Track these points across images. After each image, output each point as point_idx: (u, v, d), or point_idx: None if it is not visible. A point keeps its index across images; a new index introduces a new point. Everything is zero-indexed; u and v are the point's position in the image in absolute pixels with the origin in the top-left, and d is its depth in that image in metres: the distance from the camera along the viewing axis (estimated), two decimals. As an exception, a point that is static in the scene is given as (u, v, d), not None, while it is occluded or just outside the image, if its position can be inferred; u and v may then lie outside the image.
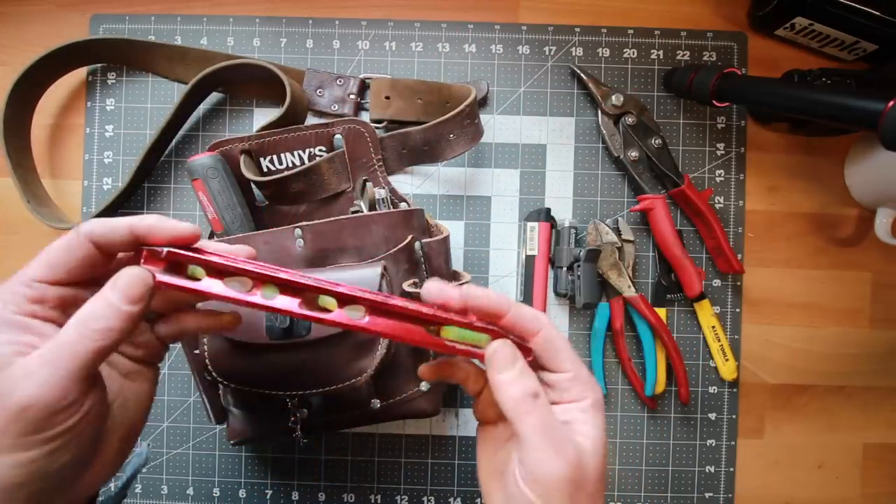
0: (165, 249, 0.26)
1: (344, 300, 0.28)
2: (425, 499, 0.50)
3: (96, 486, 0.28)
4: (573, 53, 0.51)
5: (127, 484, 0.34)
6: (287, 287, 0.28)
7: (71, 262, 0.25)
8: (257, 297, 0.27)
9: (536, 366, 0.29)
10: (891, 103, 0.34)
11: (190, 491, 0.50)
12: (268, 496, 0.50)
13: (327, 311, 0.28)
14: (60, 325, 0.24)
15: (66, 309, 0.25)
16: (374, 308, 0.28)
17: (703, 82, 0.46)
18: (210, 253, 0.27)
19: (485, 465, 0.31)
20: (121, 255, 0.27)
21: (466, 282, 0.42)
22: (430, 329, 0.29)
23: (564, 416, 0.28)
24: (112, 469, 0.28)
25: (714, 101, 0.46)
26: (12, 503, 0.23)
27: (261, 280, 0.27)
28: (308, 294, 0.28)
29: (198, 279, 0.27)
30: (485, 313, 0.28)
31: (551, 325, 0.29)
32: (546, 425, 0.26)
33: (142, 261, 0.26)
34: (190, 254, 0.27)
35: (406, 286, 0.39)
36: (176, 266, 0.27)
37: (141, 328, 0.29)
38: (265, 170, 0.45)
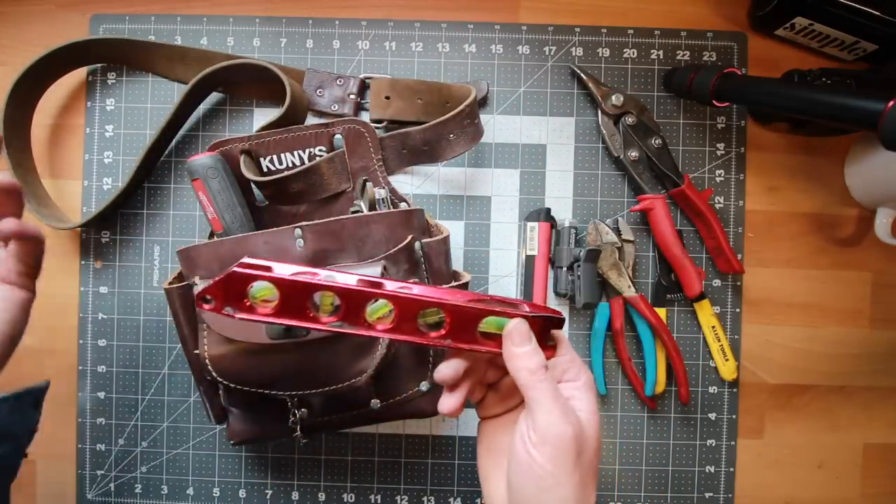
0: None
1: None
2: (425, 499, 0.50)
3: None
4: (573, 53, 0.51)
5: (19, 395, 0.38)
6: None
7: None
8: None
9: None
10: (891, 103, 0.34)
11: (190, 491, 0.50)
12: (268, 496, 0.50)
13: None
14: None
15: None
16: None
17: (703, 82, 0.46)
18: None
19: (485, 447, 0.34)
20: None
21: (466, 282, 0.42)
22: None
23: (565, 392, 0.32)
24: None
25: (714, 101, 0.46)
26: None
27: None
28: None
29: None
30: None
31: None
32: (555, 392, 0.30)
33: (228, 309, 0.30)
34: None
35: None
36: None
37: None
38: (265, 170, 0.45)
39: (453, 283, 0.41)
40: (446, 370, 0.32)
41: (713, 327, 0.50)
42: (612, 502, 0.50)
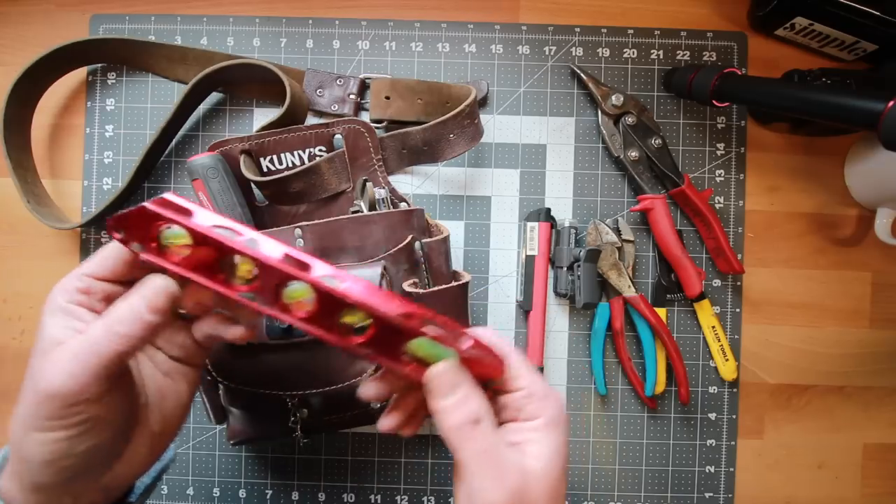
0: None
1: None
2: (425, 499, 0.50)
3: (130, 477, 0.29)
4: (573, 53, 0.51)
5: (153, 481, 0.34)
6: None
7: (116, 262, 0.27)
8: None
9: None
10: (891, 103, 0.34)
11: (190, 491, 0.50)
12: (268, 496, 0.50)
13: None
14: None
15: (110, 303, 0.27)
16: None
17: (703, 82, 0.46)
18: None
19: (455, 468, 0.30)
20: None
21: (466, 282, 0.42)
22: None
23: (517, 436, 0.27)
24: (145, 461, 0.29)
25: (714, 101, 0.46)
26: (43, 477, 0.25)
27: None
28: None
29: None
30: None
31: (491, 334, 0.29)
32: (486, 452, 0.26)
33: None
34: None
35: (406, 286, 0.39)
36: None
37: (178, 328, 0.30)
38: (265, 170, 0.45)
39: (453, 283, 0.42)
40: (366, 391, 0.29)
41: (713, 327, 0.50)
42: (612, 502, 0.50)
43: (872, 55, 0.48)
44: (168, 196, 0.26)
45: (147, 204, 0.26)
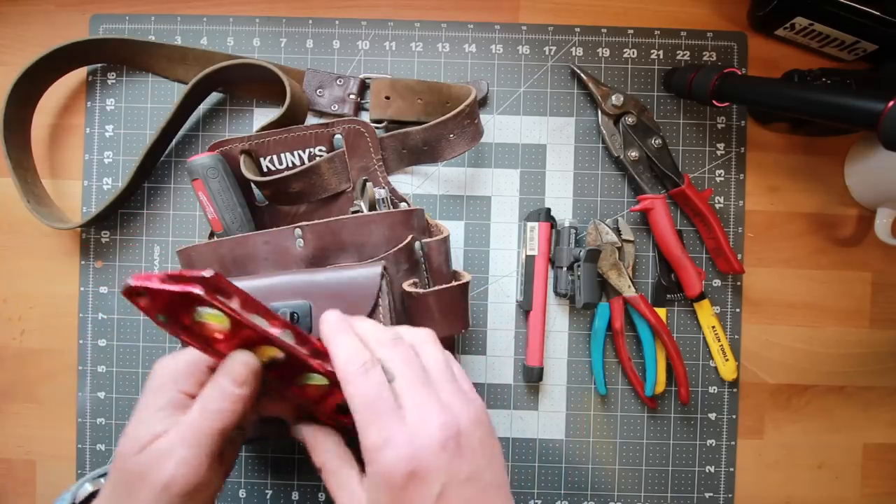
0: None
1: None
2: (425, 499, 0.50)
3: None
4: (573, 53, 0.51)
5: None
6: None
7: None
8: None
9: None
10: (891, 103, 0.34)
11: (190, 491, 0.50)
12: (268, 496, 0.50)
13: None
14: None
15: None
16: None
17: (703, 82, 0.46)
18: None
19: None
20: None
21: (467, 282, 0.42)
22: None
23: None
24: None
25: (714, 101, 0.46)
26: None
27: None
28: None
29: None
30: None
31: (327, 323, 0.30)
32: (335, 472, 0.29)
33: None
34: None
35: (406, 286, 0.39)
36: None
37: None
38: (265, 170, 0.45)
39: (453, 283, 0.41)
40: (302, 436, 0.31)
41: (713, 327, 0.50)
42: (612, 502, 0.50)
43: (872, 55, 0.48)
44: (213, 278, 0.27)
45: (196, 290, 0.26)
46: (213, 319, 0.27)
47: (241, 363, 0.28)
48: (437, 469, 0.25)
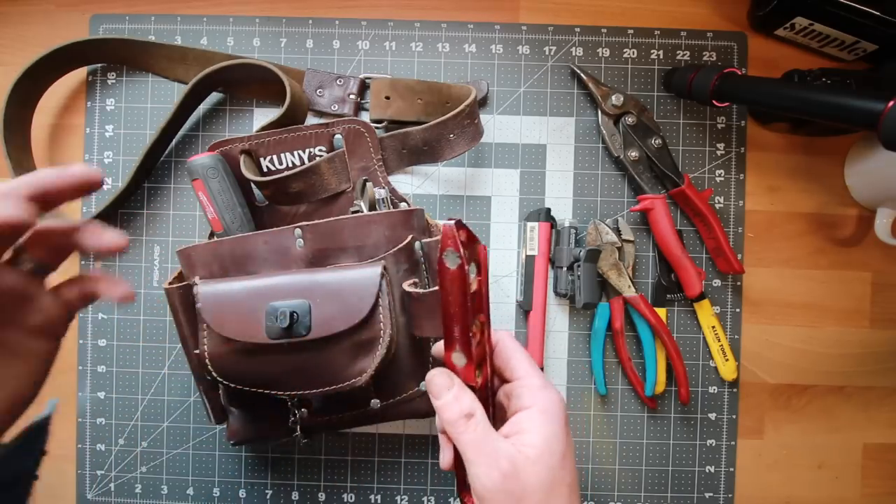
0: None
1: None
2: (425, 499, 0.50)
3: None
4: (573, 53, 0.51)
5: (26, 434, 0.31)
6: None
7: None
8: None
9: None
10: (891, 103, 0.34)
11: (190, 491, 0.50)
12: (268, 496, 0.50)
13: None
14: None
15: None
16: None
17: (703, 82, 0.46)
18: None
19: None
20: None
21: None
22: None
23: (515, 426, 0.30)
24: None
25: (714, 101, 0.46)
26: None
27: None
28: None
29: None
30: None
31: (507, 335, 0.34)
32: (478, 441, 0.29)
33: None
34: None
35: (406, 286, 0.39)
36: None
37: (41, 290, 0.29)
38: (265, 170, 0.45)
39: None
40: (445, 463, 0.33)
41: (713, 327, 0.50)
42: (612, 502, 0.50)
43: (872, 55, 0.48)
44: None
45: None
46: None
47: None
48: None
